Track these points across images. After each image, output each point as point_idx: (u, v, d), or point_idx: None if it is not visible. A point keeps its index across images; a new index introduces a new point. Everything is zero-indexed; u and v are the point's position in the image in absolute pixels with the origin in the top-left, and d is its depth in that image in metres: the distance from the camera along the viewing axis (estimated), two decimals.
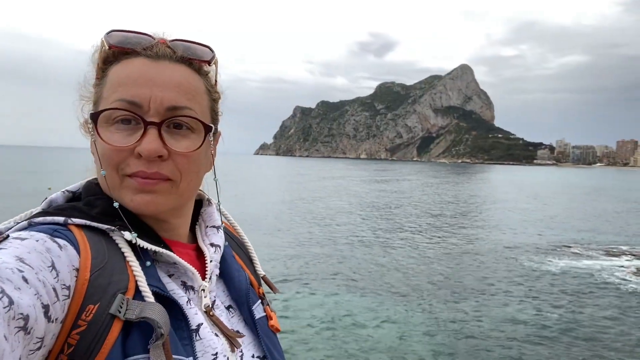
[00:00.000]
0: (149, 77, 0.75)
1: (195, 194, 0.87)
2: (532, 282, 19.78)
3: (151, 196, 0.74)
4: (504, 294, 17.98)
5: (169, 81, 0.75)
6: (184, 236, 0.87)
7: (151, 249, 0.74)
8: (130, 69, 0.76)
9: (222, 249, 0.88)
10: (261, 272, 1.00)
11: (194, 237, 0.90)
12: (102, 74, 0.79)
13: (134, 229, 0.74)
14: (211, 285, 0.83)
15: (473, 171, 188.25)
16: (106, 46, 0.78)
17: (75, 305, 0.63)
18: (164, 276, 0.77)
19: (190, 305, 0.75)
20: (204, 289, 0.80)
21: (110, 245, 0.71)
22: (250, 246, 1.03)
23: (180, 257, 0.78)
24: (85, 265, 0.66)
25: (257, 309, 0.89)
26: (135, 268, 0.70)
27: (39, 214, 0.73)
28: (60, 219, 0.71)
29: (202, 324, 0.75)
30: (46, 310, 0.57)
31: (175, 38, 0.81)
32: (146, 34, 0.79)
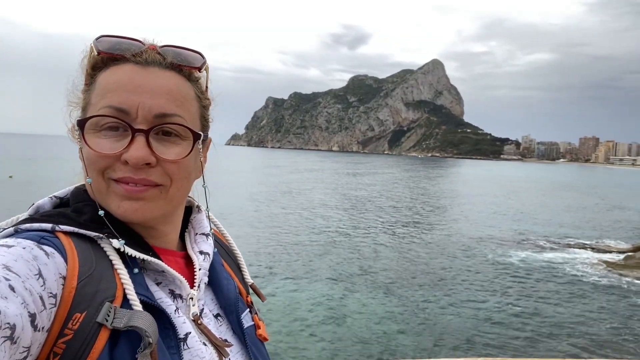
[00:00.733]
0: (138, 83, 0.74)
1: (184, 201, 0.85)
2: (496, 274, 20.88)
3: (139, 203, 0.73)
4: (469, 284, 18.96)
5: (157, 88, 0.75)
6: (173, 243, 0.86)
7: (139, 257, 0.73)
8: (119, 75, 0.75)
9: (212, 256, 0.88)
10: (249, 280, 1.00)
11: (183, 245, 0.90)
12: (91, 79, 0.78)
13: (122, 236, 0.73)
14: (199, 293, 0.82)
15: (444, 165, 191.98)
16: (95, 52, 0.76)
17: (62, 314, 0.62)
18: (152, 284, 0.76)
19: (178, 314, 0.75)
20: (192, 297, 0.79)
21: (98, 252, 0.71)
22: (239, 254, 1.03)
23: (169, 265, 0.78)
24: (73, 273, 0.65)
25: (246, 317, 0.89)
26: (123, 276, 0.69)
27: (25, 220, 0.72)
28: (48, 225, 0.70)
29: (190, 332, 0.74)
30: (33, 319, 0.56)
31: (166, 44, 0.80)
32: (136, 40, 0.78)
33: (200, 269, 0.84)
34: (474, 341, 12.74)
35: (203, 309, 0.83)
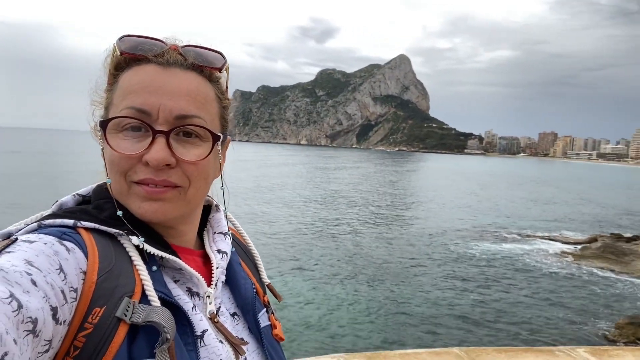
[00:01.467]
0: (159, 85, 0.74)
1: (203, 201, 0.87)
2: (459, 265, 21.27)
3: (159, 204, 0.75)
4: (432, 276, 19.24)
5: (178, 89, 0.75)
6: (192, 242, 0.87)
7: (158, 254, 0.74)
8: (141, 76, 0.75)
9: (229, 255, 0.89)
10: (266, 280, 1.01)
11: (201, 243, 0.91)
12: (114, 79, 0.79)
13: (142, 235, 0.74)
14: (216, 291, 0.83)
15: (411, 159, 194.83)
16: (118, 52, 0.77)
17: (82, 308, 0.63)
18: (170, 282, 0.77)
19: (195, 312, 0.76)
20: (209, 296, 0.80)
21: (117, 249, 0.72)
22: (256, 253, 1.03)
23: (187, 263, 0.79)
24: (93, 268, 0.66)
25: (262, 317, 0.89)
26: (142, 272, 0.71)
27: (48, 217, 0.73)
28: (70, 221, 0.71)
29: (207, 330, 0.75)
30: (54, 313, 0.58)
31: (187, 44, 0.81)
32: (158, 40, 0.79)
33: (217, 268, 0.85)
34: (436, 332, 12.90)
35: (220, 307, 0.84)
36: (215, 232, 0.92)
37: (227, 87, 0.86)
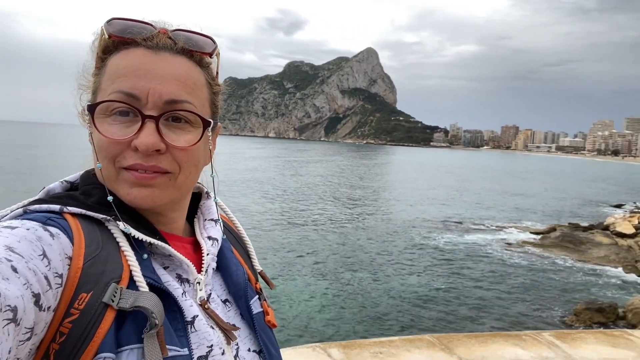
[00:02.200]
0: (148, 69, 0.73)
1: (192, 188, 0.86)
2: (425, 256, 21.84)
3: (149, 190, 0.73)
4: (401, 267, 19.69)
5: (168, 74, 0.74)
6: (181, 229, 0.86)
7: (146, 240, 0.73)
8: (130, 60, 0.74)
9: (220, 242, 0.88)
10: (258, 267, 1.00)
11: (192, 230, 0.90)
12: (102, 63, 0.77)
13: (131, 221, 0.74)
14: (207, 278, 0.82)
15: (380, 152, 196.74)
16: (106, 35, 0.76)
17: (68, 294, 0.62)
18: (159, 268, 0.76)
19: (185, 297, 0.74)
20: (199, 282, 0.79)
21: (105, 234, 0.71)
22: (248, 241, 1.03)
23: (176, 250, 0.78)
24: (79, 253, 0.65)
25: (255, 304, 0.89)
26: (130, 258, 0.69)
27: (35, 202, 0.72)
28: (56, 207, 0.70)
29: (198, 315, 0.74)
30: (37, 299, 0.56)
31: (177, 28, 0.79)
32: (147, 23, 0.77)
33: (208, 254, 0.84)
34: (407, 320, 13.28)
35: (211, 294, 0.83)
36: (205, 219, 0.91)
37: (217, 72, 0.85)
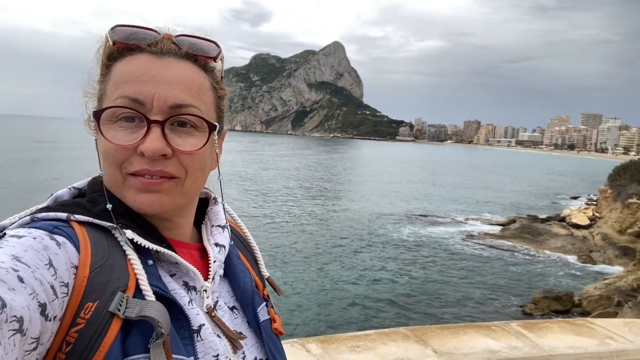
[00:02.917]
0: (153, 74, 0.73)
1: (199, 193, 0.85)
2: (391, 249, 22.18)
3: (155, 195, 0.73)
4: (369, 260, 19.92)
5: (173, 78, 0.74)
6: (188, 235, 0.86)
7: (153, 248, 0.73)
8: (134, 65, 0.74)
9: (227, 249, 0.87)
10: (266, 273, 0.99)
11: (199, 237, 0.89)
12: (106, 70, 0.77)
13: (137, 228, 0.74)
14: (214, 285, 0.82)
15: (348, 146, 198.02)
16: (110, 42, 0.76)
17: (74, 303, 0.62)
18: (166, 276, 0.76)
19: (191, 306, 0.74)
20: (205, 290, 0.79)
21: (111, 242, 0.71)
22: (255, 246, 1.02)
23: (183, 257, 0.77)
24: (85, 262, 0.65)
25: (262, 311, 0.88)
26: (136, 266, 0.69)
27: (42, 210, 0.72)
28: (63, 215, 0.70)
29: (204, 324, 0.74)
30: (43, 309, 0.56)
31: (181, 33, 0.79)
32: (151, 29, 0.77)
33: (215, 262, 0.83)
34: (373, 313, 13.45)
35: (217, 301, 0.82)
36: (213, 225, 0.90)
37: (222, 76, 0.86)
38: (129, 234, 0.71)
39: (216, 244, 0.86)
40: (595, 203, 34.17)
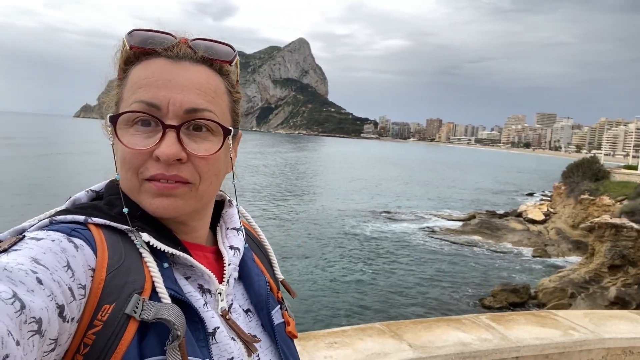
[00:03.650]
0: (169, 78, 0.74)
1: (214, 197, 0.86)
2: (352, 245, 22.37)
3: (170, 200, 0.74)
4: (327, 256, 20.05)
5: (188, 83, 0.75)
6: (203, 238, 0.87)
7: (168, 251, 0.74)
8: (151, 70, 0.75)
9: (242, 252, 0.88)
10: (280, 276, 0.99)
11: (214, 239, 0.90)
12: (123, 74, 0.79)
13: (153, 231, 0.74)
14: (228, 288, 0.83)
15: (314, 143, 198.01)
16: (127, 46, 0.77)
17: (91, 305, 0.63)
18: (181, 278, 0.77)
19: (206, 308, 0.75)
20: (220, 293, 0.80)
21: (128, 245, 0.72)
22: (270, 249, 1.02)
23: (198, 260, 0.78)
24: (102, 265, 0.66)
25: (276, 314, 0.88)
26: (152, 269, 0.70)
27: (61, 212, 0.73)
28: (81, 217, 0.71)
29: (219, 327, 0.75)
30: (61, 311, 0.57)
31: (197, 37, 0.80)
32: (168, 33, 0.78)
33: (229, 265, 0.84)
34: (334, 307, 13.53)
35: (232, 304, 0.83)
36: (228, 228, 0.91)
37: (237, 80, 0.86)
38: (145, 236, 0.72)
39: (231, 247, 0.87)
40: (549, 199, 35.62)
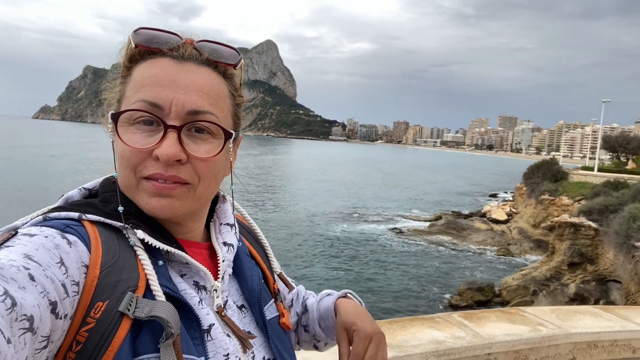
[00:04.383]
0: (173, 79, 0.73)
1: (211, 198, 0.85)
2: (322, 246, 22.40)
3: (167, 200, 0.73)
4: (301, 256, 20.02)
5: (192, 84, 0.74)
6: (199, 236, 0.86)
7: (163, 248, 0.73)
8: (155, 69, 0.74)
9: (236, 247, 0.87)
10: (277, 269, 0.99)
11: (208, 235, 0.89)
12: (127, 72, 0.78)
13: (148, 228, 0.74)
14: (223, 285, 0.82)
15: (283, 145, 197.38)
16: (133, 44, 0.77)
17: (84, 302, 0.62)
18: (176, 276, 0.76)
19: (202, 306, 0.74)
20: (215, 289, 0.79)
21: (122, 242, 0.71)
22: (265, 242, 1.02)
23: (193, 257, 0.78)
24: (96, 262, 0.66)
25: (270, 308, 0.88)
26: (146, 266, 0.69)
27: (54, 209, 0.72)
28: (75, 214, 0.70)
29: (214, 324, 0.74)
30: (54, 307, 0.57)
31: (202, 39, 0.80)
32: (174, 34, 0.78)
33: (224, 261, 0.84)
34: None
35: (227, 300, 0.83)
36: (221, 224, 0.90)
37: (241, 84, 0.86)
38: (140, 234, 0.72)
39: (224, 243, 0.86)
40: (512, 199, 36.73)
